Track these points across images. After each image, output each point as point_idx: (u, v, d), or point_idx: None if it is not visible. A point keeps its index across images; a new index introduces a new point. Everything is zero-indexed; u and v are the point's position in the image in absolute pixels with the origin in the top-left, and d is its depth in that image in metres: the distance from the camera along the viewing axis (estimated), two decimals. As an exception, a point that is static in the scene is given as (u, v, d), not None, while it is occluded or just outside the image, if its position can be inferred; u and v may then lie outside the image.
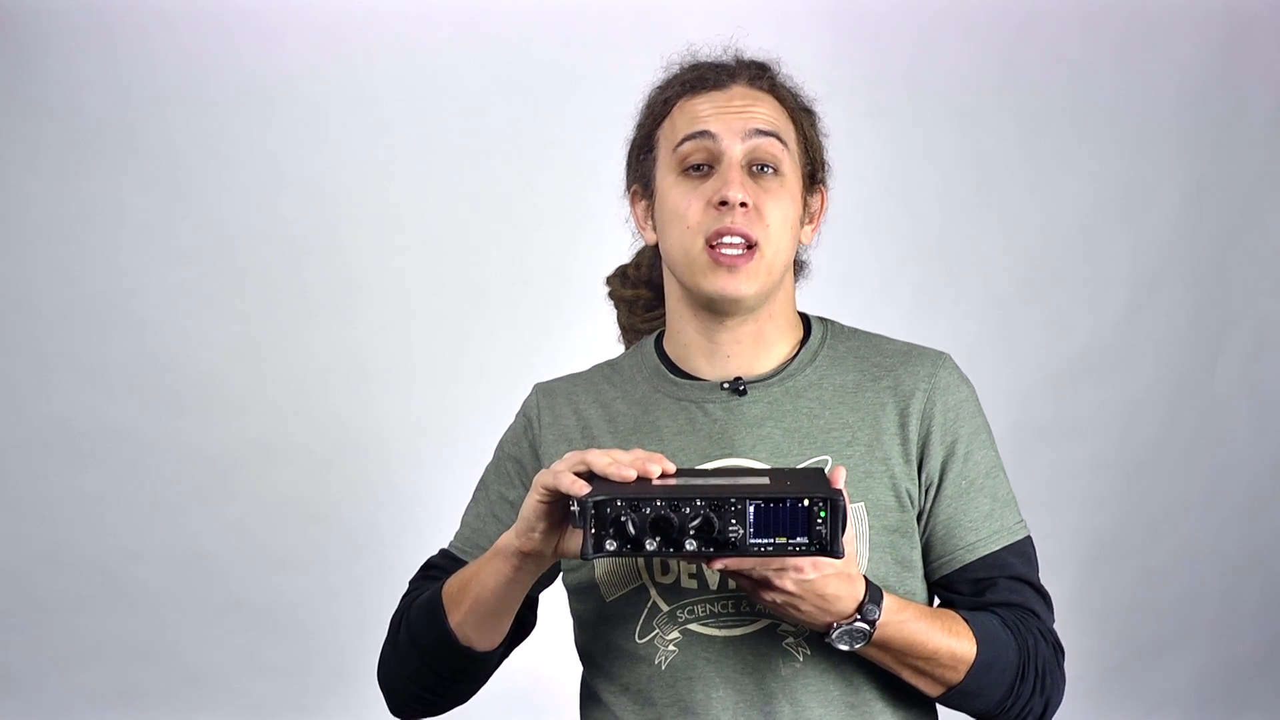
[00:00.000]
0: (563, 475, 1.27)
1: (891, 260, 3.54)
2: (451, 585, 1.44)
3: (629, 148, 1.57)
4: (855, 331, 1.56)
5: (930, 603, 1.49)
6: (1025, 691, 1.41)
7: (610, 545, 1.22)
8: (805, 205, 1.53)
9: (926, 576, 1.48)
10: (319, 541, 3.48)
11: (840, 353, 1.53)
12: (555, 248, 3.50)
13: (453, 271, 3.52)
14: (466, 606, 1.42)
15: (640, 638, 1.44)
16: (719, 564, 1.25)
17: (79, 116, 3.44)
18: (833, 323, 1.57)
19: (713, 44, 1.55)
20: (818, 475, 1.30)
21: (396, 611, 1.53)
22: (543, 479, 1.30)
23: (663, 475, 1.28)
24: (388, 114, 3.50)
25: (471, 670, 1.47)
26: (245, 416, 3.49)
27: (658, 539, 1.22)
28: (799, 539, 1.22)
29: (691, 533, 1.22)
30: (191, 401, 3.48)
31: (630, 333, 1.67)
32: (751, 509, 1.22)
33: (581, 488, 1.25)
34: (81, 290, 3.47)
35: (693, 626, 1.42)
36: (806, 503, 1.22)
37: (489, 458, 1.60)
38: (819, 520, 1.22)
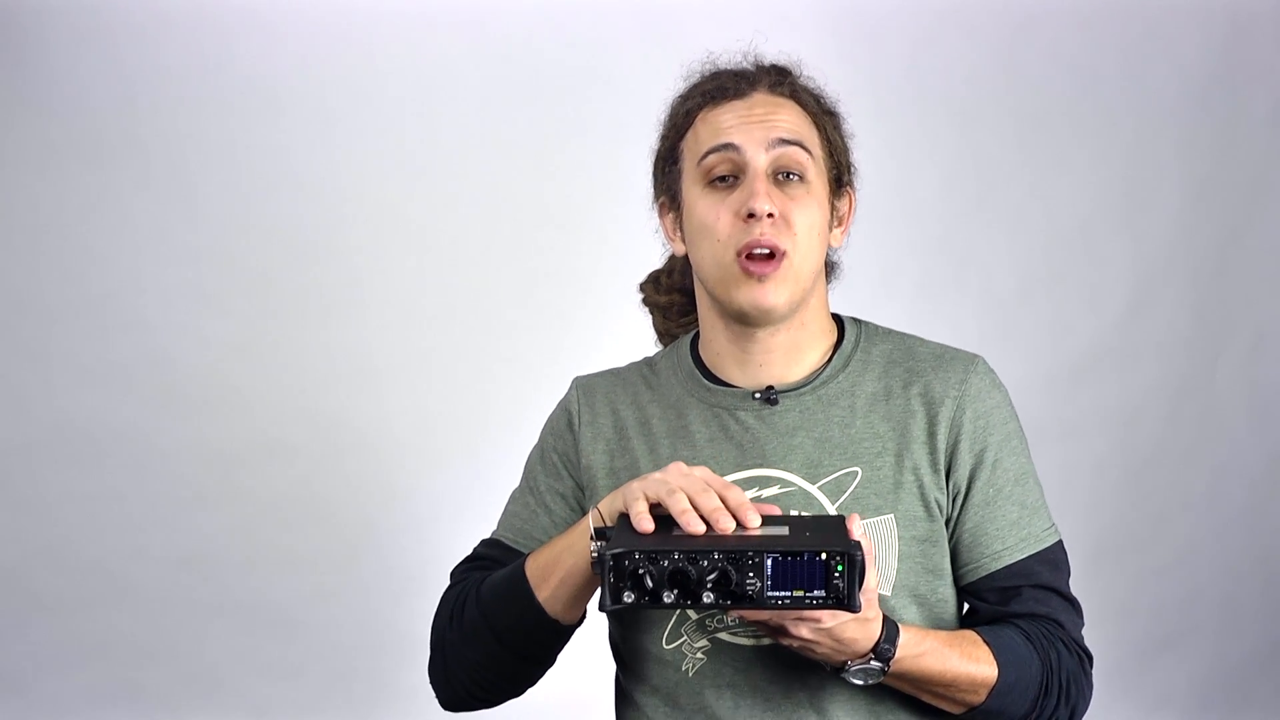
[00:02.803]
0: (637, 504, 1.28)
1: (892, 260, 3.53)
2: (534, 563, 1.43)
3: (654, 159, 1.57)
4: (889, 333, 1.56)
5: (960, 608, 1.49)
6: (1050, 704, 1.42)
7: (628, 597, 1.22)
8: (833, 209, 1.53)
9: (955, 582, 1.48)
10: (319, 541, 3.48)
11: (873, 357, 1.53)
12: (559, 249, 3.50)
13: (454, 272, 3.52)
14: (556, 581, 1.40)
15: (668, 644, 1.45)
16: (736, 614, 1.26)
17: (80, 116, 3.43)
18: (867, 324, 1.57)
19: (732, 50, 1.55)
20: (837, 526, 1.30)
21: (451, 598, 1.51)
22: (630, 492, 1.31)
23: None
24: (391, 113, 3.49)
25: (550, 645, 1.46)
26: (245, 416, 3.49)
27: (675, 591, 1.22)
28: (816, 592, 1.22)
29: (709, 585, 1.22)
30: (192, 401, 3.48)
31: (666, 337, 1.68)
32: (769, 562, 1.22)
33: (649, 526, 1.26)
34: (82, 290, 3.47)
35: (721, 635, 1.43)
36: (824, 556, 1.22)
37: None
38: (836, 574, 1.22)
